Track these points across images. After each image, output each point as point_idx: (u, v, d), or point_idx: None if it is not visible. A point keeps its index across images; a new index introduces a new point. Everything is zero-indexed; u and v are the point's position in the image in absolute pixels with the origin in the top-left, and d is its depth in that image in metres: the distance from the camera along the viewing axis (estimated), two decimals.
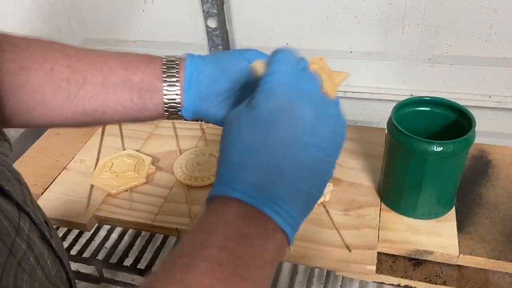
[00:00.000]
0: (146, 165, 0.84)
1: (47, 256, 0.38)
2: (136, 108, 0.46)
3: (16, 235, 0.33)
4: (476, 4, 0.84)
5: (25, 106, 0.44)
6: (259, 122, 0.34)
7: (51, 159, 0.90)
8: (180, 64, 0.46)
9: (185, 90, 0.46)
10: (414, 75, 0.96)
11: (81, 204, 0.79)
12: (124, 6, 1.09)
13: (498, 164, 0.78)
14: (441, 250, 0.65)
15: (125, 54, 0.47)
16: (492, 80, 0.92)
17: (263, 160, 0.33)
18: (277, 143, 0.33)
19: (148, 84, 0.46)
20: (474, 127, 0.63)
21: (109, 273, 0.93)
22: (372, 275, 0.65)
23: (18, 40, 0.45)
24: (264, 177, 0.33)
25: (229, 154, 0.34)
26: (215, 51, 1.04)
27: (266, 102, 0.34)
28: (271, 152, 0.33)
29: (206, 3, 0.96)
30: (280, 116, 0.33)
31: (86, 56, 0.46)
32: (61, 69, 0.44)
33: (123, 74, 0.46)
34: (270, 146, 0.33)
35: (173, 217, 0.75)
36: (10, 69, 0.43)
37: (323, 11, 0.94)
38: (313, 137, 0.34)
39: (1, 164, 0.37)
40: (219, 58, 0.47)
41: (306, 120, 0.34)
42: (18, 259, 0.33)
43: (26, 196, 0.39)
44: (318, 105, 0.35)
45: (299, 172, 0.33)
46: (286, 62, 0.37)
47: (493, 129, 0.96)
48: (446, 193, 0.68)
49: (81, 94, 0.45)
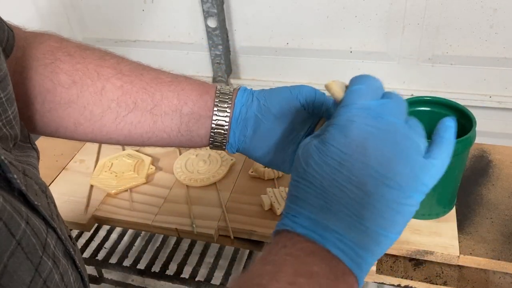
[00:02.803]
0: (146, 165, 0.84)
1: (71, 273, 0.37)
2: (182, 139, 0.46)
3: (43, 252, 0.32)
4: (477, 4, 0.84)
5: (72, 120, 0.44)
6: (329, 160, 0.31)
7: (51, 159, 0.89)
8: (232, 97, 0.46)
9: (232, 127, 0.45)
10: (415, 75, 0.96)
11: (81, 204, 0.79)
12: (124, 6, 1.09)
13: (499, 164, 0.78)
14: (442, 250, 0.64)
15: (178, 80, 0.46)
16: (492, 80, 0.92)
17: (332, 199, 0.31)
18: (347, 182, 0.31)
19: (197, 116, 0.46)
20: (475, 127, 0.63)
21: (109, 273, 0.93)
22: (373, 276, 0.65)
23: (73, 48, 0.45)
24: (333, 217, 0.31)
25: (297, 189, 0.33)
26: (215, 51, 1.04)
27: (339, 139, 0.31)
28: (340, 192, 0.31)
29: (206, 3, 0.96)
30: (352, 156, 0.31)
31: (139, 78, 0.45)
32: (112, 89, 0.44)
33: (174, 104, 0.45)
34: (339, 186, 0.31)
35: (173, 217, 0.74)
36: (62, 81, 0.43)
37: (323, 11, 0.94)
38: (388, 178, 0.31)
39: (30, 177, 0.35)
40: (270, 96, 0.46)
41: (382, 159, 0.31)
42: (43, 278, 0.31)
43: (53, 210, 0.38)
44: (399, 142, 0.32)
45: (371, 214, 0.31)
46: (365, 94, 0.34)
47: (494, 129, 0.96)
48: (447, 193, 0.68)
49: (129, 118, 0.45)
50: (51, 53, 0.43)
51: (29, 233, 0.30)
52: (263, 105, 0.45)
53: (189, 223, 0.73)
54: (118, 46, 1.15)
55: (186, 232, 0.73)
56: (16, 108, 0.37)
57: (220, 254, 0.82)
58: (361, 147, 0.31)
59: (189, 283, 0.76)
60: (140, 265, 0.79)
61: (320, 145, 0.32)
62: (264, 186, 0.77)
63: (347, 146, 0.31)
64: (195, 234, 0.72)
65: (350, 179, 0.31)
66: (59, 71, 0.43)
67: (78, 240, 0.88)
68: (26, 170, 0.35)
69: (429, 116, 0.69)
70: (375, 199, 0.30)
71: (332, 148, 0.31)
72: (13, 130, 0.36)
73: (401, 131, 0.32)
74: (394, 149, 0.31)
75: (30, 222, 0.31)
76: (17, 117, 0.37)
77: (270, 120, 0.45)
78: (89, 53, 0.45)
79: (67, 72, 0.43)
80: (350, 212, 0.31)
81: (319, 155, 0.32)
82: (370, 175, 0.31)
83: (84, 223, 0.76)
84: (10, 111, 0.35)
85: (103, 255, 0.81)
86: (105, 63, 0.45)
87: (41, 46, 0.44)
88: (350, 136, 0.31)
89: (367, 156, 0.31)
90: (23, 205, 0.32)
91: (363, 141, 0.31)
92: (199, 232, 0.72)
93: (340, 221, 0.31)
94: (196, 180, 0.80)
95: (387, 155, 0.31)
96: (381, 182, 0.30)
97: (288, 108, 0.45)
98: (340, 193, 0.31)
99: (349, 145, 0.31)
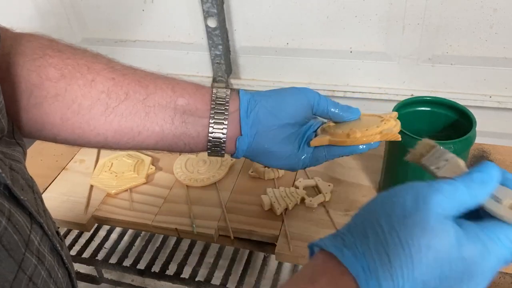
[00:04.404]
0: (146, 165, 0.84)
1: (58, 269, 0.37)
2: (176, 132, 0.44)
3: (26, 249, 0.31)
4: (477, 4, 0.84)
5: (59, 115, 0.42)
6: (453, 265, 0.28)
7: (51, 159, 0.89)
8: (231, 95, 0.45)
9: (242, 118, 0.44)
10: (415, 75, 0.96)
11: (81, 204, 0.79)
12: (124, 6, 1.09)
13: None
14: None
15: (174, 77, 0.46)
16: (492, 80, 0.92)
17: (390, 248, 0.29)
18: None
19: (194, 108, 0.44)
20: (475, 127, 0.63)
21: (109, 273, 0.93)
22: None
23: (63, 46, 0.44)
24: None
25: (382, 244, 0.29)
26: (215, 51, 1.04)
27: (461, 244, 0.28)
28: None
29: (206, 3, 0.96)
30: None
31: (133, 72, 0.44)
32: (103, 81, 0.42)
33: (168, 95, 0.43)
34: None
35: (173, 217, 0.74)
36: (50, 75, 0.41)
37: (323, 10, 0.94)
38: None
39: (16, 171, 0.35)
40: (277, 91, 0.46)
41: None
42: (28, 275, 0.31)
43: (39, 205, 0.37)
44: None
45: None
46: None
47: (494, 129, 0.96)
48: None
49: (119, 110, 0.42)
50: (40, 49, 0.42)
51: (10, 230, 0.30)
52: (272, 99, 0.45)
53: (189, 223, 0.73)
54: (118, 46, 1.15)
55: (186, 232, 0.73)
56: (3, 101, 0.36)
57: (220, 254, 0.82)
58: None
59: (189, 283, 0.76)
60: (140, 265, 0.79)
61: (464, 239, 0.29)
62: (264, 186, 0.77)
63: (463, 258, 0.28)
64: (195, 234, 0.72)
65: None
66: (47, 65, 0.41)
67: (78, 240, 0.88)
68: (12, 164, 0.35)
69: (429, 116, 0.69)
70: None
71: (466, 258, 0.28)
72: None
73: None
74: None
75: (12, 219, 0.31)
76: (4, 111, 0.36)
77: (275, 125, 0.46)
78: (79, 52, 0.44)
79: (56, 66, 0.41)
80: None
81: (454, 250, 0.28)
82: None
83: (84, 223, 0.76)
84: None
85: (103, 255, 0.81)
86: (96, 60, 0.44)
87: (29, 43, 0.42)
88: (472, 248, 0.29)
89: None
90: (7, 200, 0.31)
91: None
92: (199, 232, 0.72)
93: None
94: (196, 180, 0.80)
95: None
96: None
97: (297, 102, 0.45)
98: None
99: (464, 259, 0.28)
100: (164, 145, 0.45)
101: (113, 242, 0.85)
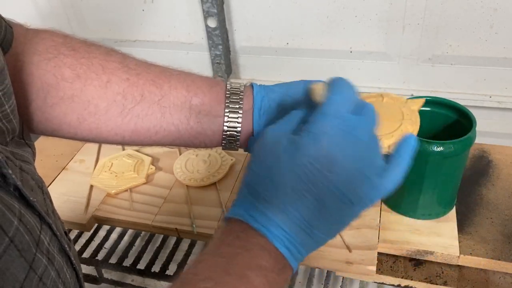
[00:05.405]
0: (146, 165, 0.84)
1: (66, 269, 0.37)
2: (192, 132, 0.44)
3: (37, 249, 0.32)
4: (477, 4, 0.84)
5: (76, 116, 0.42)
6: (296, 168, 0.33)
7: (51, 159, 0.89)
8: (244, 91, 0.45)
9: (254, 115, 0.44)
10: (415, 75, 0.96)
11: (81, 204, 0.79)
12: (124, 6, 1.09)
13: (499, 164, 0.78)
14: (442, 250, 0.64)
15: (188, 73, 0.46)
16: (492, 80, 0.92)
17: (289, 202, 0.33)
18: (307, 192, 0.33)
19: (208, 107, 0.44)
20: (475, 127, 0.63)
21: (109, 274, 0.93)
22: (373, 276, 0.65)
23: (77, 44, 0.44)
24: (287, 219, 0.33)
25: (258, 183, 0.34)
26: (215, 51, 1.04)
27: (310, 149, 0.33)
28: (299, 199, 0.33)
29: (206, 3, 0.96)
30: (319, 169, 0.33)
31: (147, 71, 0.44)
32: (118, 82, 0.43)
33: (183, 95, 0.44)
34: (299, 193, 0.33)
35: (173, 217, 0.74)
36: (66, 75, 0.41)
37: (323, 10, 0.94)
38: (346, 196, 0.33)
39: (26, 172, 0.35)
40: (288, 85, 0.46)
41: (345, 177, 0.33)
42: (39, 275, 0.31)
43: (49, 206, 0.38)
44: (362, 162, 0.34)
45: (322, 225, 0.33)
46: (341, 105, 0.36)
47: (494, 129, 0.96)
48: (447, 193, 0.68)
49: (135, 111, 0.43)
50: (54, 48, 0.42)
51: (22, 230, 0.30)
52: (285, 93, 0.45)
53: (189, 223, 0.73)
54: (118, 46, 1.14)
55: (186, 232, 0.73)
56: (15, 102, 0.36)
57: None
58: (329, 163, 0.33)
59: None
60: (140, 265, 0.79)
61: (292, 149, 0.34)
62: None
63: (316, 159, 0.33)
64: (195, 234, 0.72)
65: (311, 189, 0.33)
66: (62, 65, 0.41)
67: (78, 240, 0.87)
68: (22, 165, 0.35)
69: (429, 116, 0.69)
70: (328, 212, 0.33)
71: (303, 158, 0.33)
72: (10, 124, 0.36)
73: (365, 151, 0.34)
74: (356, 169, 0.33)
75: (23, 219, 0.31)
76: (15, 111, 0.36)
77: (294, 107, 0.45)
78: (94, 49, 0.44)
79: (70, 66, 0.42)
80: (303, 218, 0.33)
81: (289, 159, 0.33)
82: (330, 191, 0.33)
83: (84, 223, 0.76)
84: (8, 105, 0.35)
85: (103, 255, 0.81)
86: (110, 58, 0.44)
87: (43, 41, 0.43)
88: (321, 150, 0.33)
89: (332, 173, 0.33)
90: (18, 200, 0.32)
91: (332, 157, 0.33)
92: (199, 232, 0.72)
93: (293, 224, 0.33)
94: (196, 180, 0.80)
95: (350, 174, 0.33)
96: (339, 199, 0.33)
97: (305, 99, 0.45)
98: (299, 200, 0.33)
99: (318, 159, 0.33)
100: (180, 143, 0.46)
101: (113, 242, 0.85)
